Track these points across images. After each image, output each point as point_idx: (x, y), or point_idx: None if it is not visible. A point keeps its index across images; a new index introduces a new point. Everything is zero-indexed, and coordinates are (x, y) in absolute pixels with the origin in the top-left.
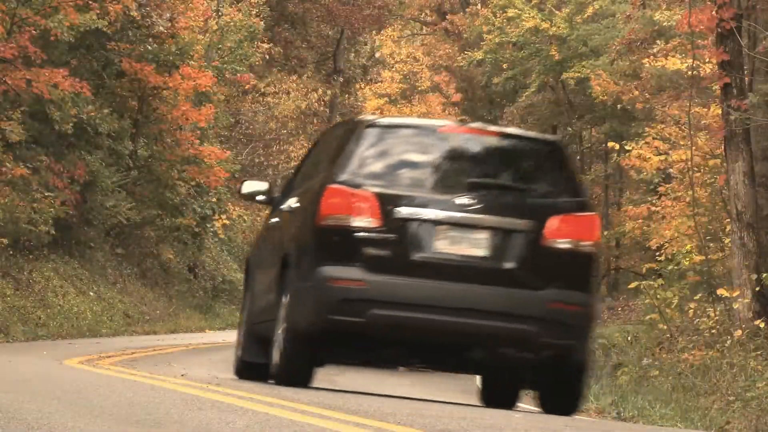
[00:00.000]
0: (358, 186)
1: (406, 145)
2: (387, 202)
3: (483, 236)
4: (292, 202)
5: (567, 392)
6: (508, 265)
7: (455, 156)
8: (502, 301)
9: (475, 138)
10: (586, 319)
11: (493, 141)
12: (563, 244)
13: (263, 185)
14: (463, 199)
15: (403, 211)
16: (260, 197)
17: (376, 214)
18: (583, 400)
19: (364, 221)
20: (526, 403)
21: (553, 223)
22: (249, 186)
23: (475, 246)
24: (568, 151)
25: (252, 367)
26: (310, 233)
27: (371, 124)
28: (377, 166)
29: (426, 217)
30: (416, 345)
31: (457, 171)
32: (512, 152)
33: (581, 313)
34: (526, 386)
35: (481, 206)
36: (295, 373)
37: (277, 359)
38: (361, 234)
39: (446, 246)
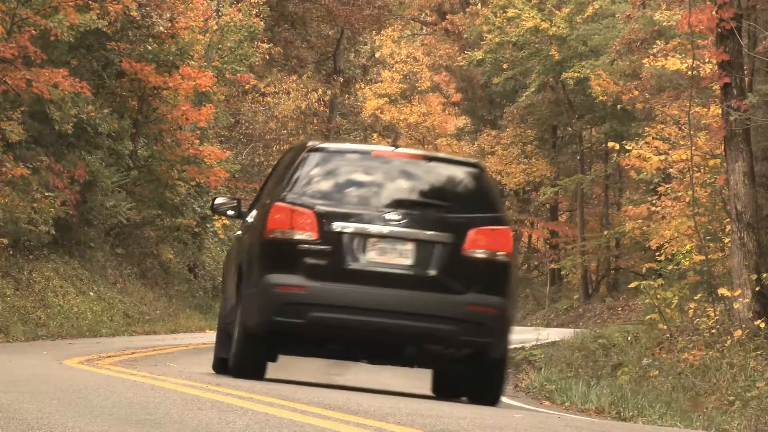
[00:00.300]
0: (299, 204)
1: (344, 167)
2: (325, 218)
3: (409, 247)
4: (251, 218)
5: (487, 384)
6: (432, 272)
7: (386, 177)
8: (426, 305)
9: (404, 161)
10: (502, 320)
11: (420, 163)
12: (480, 254)
13: (233, 202)
14: (391, 215)
15: (339, 225)
16: (230, 212)
17: (315, 229)
18: (502, 391)
19: (304, 235)
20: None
21: (471, 235)
22: (220, 201)
23: (402, 256)
24: (487, 172)
25: (225, 363)
26: (258, 245)
27: (314, 149)
28: (317, 186)
29: (359, 231)
30: (352, 343)
31: (387, 190)
32: (437, 173)
33: (497, 314)
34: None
35: (407, 221)
36: (246, 368)
37: (233, 355)
38: (302, 246)
39: (377, 256)
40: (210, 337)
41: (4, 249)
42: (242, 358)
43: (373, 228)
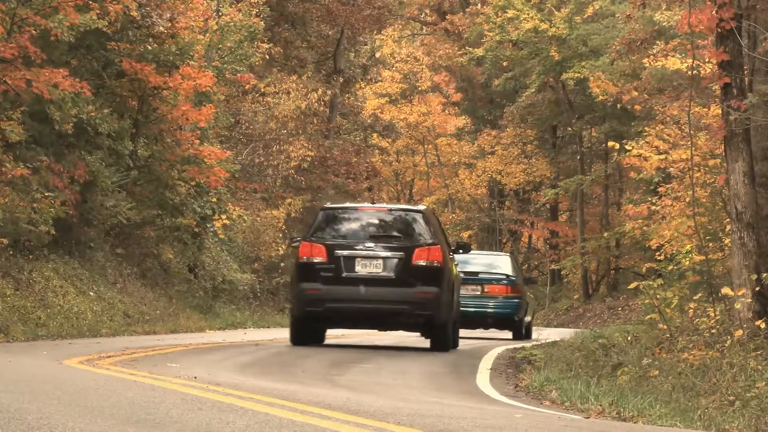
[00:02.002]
0: (316, 242)
1: (342, 217)
2: (331, 248)
3: (380, 262)
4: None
5: (440, 340)
6: (393, 275)
7: (366, 222)
8: (392, 295)
9: (377, 212)
10: (438, 300)
11: (386, 212)
12: (422, 263)
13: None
14: (369, 244)
15: (339, 252)
16: (295, 244)
17: (325, 255)
18: (451, 344)
19: (319, 259)
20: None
21: (416, 253)
22: (293, 237)
23: (376, 267)
24: (428, 213)
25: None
26: (295, 266)
27: (324, 208)
28: (327, 230)
29: (350, 255)
30: (356, 319)
31: (367, 230)
32: (396, 217)
33: (434, 298)
34: (424, 336)
35: (378, 246)
36: (298, 339)
37: (290, 332)
38: (319, 266)
39: (361, 268)
40: (210, 337)
41: (4, 249)
42: (294, 332)
43: (358, 252)
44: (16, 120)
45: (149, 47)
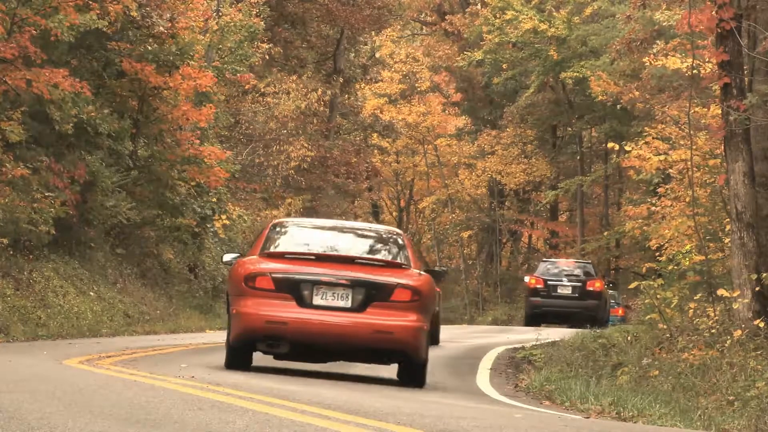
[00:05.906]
0: (538, 277)
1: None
2: (545, 281)
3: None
4: None
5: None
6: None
7: (561, 268)
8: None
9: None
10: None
11: None
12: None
13: None
14: (564, 281)
15: (549, 282)
16: None
17: (543, 284)
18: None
19: (540, 285)
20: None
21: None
22: None
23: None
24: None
25: None
26: (529, 288)
27: (544, 261)
28: (540, 269)
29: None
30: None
31: (561, 273)
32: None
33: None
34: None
35: (567, 280)
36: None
37: None
38: (540, 289)
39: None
40: (210, 337)
41: (4, 249)
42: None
43: (559, 282)
44: (16, 120)
45: (149, 47)
